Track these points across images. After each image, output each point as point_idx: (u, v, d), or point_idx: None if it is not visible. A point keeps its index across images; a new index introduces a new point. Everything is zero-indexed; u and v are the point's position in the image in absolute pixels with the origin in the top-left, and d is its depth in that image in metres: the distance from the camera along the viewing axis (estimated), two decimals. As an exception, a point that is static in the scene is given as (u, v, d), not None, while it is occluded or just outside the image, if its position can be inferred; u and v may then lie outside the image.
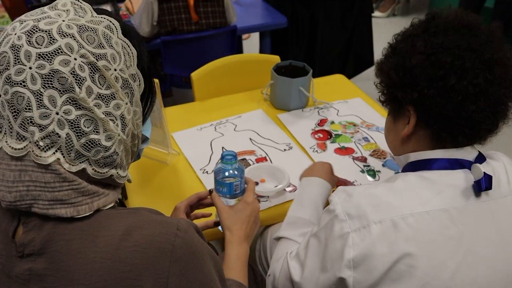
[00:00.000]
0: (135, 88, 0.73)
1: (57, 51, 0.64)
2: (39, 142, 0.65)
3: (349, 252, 0.84)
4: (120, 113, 0.70)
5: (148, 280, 0.65)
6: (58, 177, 0.66)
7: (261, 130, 1.66)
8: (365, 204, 0.86)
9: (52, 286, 0.66)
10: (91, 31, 0.67)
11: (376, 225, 0.83)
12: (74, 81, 0.64)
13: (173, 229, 0.68)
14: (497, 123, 0.89)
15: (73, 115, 0.65)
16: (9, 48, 0.64)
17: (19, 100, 0.63)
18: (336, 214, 0.88)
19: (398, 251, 0.81)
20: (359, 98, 1.85)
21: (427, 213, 0.83)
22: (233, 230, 1.05)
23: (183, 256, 0.67)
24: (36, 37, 0.64)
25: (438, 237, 0.82)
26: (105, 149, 0.68)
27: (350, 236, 0.85)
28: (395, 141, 1.00)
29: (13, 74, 0.63)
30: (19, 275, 0.67)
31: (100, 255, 0.65)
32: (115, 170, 0.72)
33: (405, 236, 0.82)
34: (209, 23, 2.44)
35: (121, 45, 0.71)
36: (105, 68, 0.67)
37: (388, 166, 1.47)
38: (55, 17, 0.67)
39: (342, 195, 0.90)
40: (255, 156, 1.52)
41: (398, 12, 4.94)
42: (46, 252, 0.66)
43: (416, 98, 0.87)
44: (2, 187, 0.66)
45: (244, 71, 2.00)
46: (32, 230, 0.67)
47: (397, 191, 0.87)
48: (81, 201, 0.67)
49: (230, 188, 1.09)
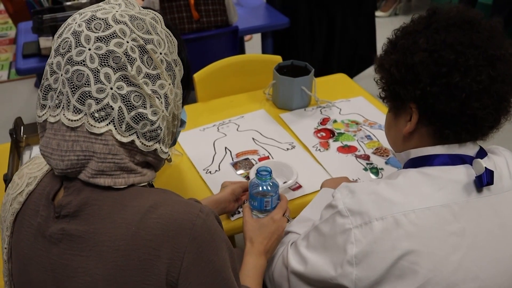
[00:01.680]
0: (176, 72, 0.82)
1: (112, 35, 0.73)
2: (95, 114, 0.73)
3: (351, 249, 0.84)
4: (164, 92, 0.78)
5: (166, 252, 0.70)
6: (106, 148, 0.73)
7: (263, 129, 1.66)
8: (367, 200, 0.86)
9: (80, 247, 0.73)
10: (140, 20, 0.77)
11: (378, 222, 0.83)
12: (126, 61, 0.73)
13: (196, 211, 0.74)
14: (499, 119, 0.89)
15: (125, 90, 0.73)
16: (71, 34, 0.74)
17: (79, 77, 0.72)
18: (338, 210, 0.88)
19: (401, 248, 0.81)
20: (361, 97, 1.85)
21: (429, 209, 0.83)
22: (254, 243, 1.07)
23: (201, 236, 0.73)
24: (94, 24, 0.74)
25: (440, 233, 0.82)
26: (151, 123, 0.76)
27: (352, 232, 0.85)
28: (396, 137, 0.99)
29: (74, 55, 0.73)
30: (52, 234, 0.75)
31: (126, 221, 0.72)
32: (159, 145, 0.79)
33: (407, 233, 0.82)
34: (210, 21, 2.45)
35: (165, 34, 0.80)
36: (153, 51, 0.77)
37: (391, 164, 1.47)
38: (109, 9, 0.77)
39: (344, 191, 0.90)
40: (258, 156, 1.52)
41: (400, 11, 4.94)
42: (80, 215, 0.74)
43: (419, 95, 0.87)
44: (56, 156, 0.74)
45: (246, 72, 2.01)
46: (72, 194, 0.75)
47: (398, 188, 0.86)
48: (119, 174, 0.75)
49: (260, 203, 1.11)
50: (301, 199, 1.35)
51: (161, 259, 0.70)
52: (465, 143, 0.89)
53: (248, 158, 1.52)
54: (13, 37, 4.63)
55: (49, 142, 0.75)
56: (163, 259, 0.70)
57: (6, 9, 3.73)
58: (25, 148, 1.52)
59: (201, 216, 0.74)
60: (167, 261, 0.70)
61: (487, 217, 0.85)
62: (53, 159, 0.75)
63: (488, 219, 0.85)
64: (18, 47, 2.54)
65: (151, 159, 0.80)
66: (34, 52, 2.42)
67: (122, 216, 0.72)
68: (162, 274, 0.70)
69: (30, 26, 2.40)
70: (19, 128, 1.54)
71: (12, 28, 4.75)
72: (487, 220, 0.85)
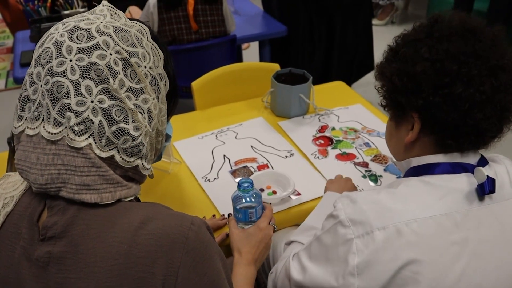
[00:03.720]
0: (161, 87, 0.80)
1: (95, 46, 0.71)
2: (75, 127, 0.70)
3: (353, 259, 0.83)
4: (147, 107, 0.76)
5: (160, 268, 0.69)
6: (88, 161, 0.71)
7: (262, 137, 1.66)
8: (368, 210, 0.85)
9: (70, 269, 0.70)
10: (125, 32, 0.75)
11: (379, 232, 0.82)
12: (109, 73, 0.71)
13: (188, 223, 0.73)
14: (502, 129, 0.88)
15: (106, 104, 0.71)
16: (52, 44, 0.71)
17: (59, 89, 0.70)
18: (339, 220, 0.87)
19: (402, 257, 0.81)
20: (359, 104, 1.86)
21: (431, 218, 0.82)
22: (242, 253, 1.07)
23: (195, 249, 0.71)
24: (77, 34, 0.72)
25: (442, 242, 0.82)
26: (133, 138, 0.74)
27: (354, 242, 0.84)
28: (397, 146, 0.99)
29: (55, 66, 0.70)
30: (39, 258, 0.72)
31: (117, 240, 0.69)
32: (141, 161, 0.77)
33: (409, 242, 0.81)
34: (208, 32, 2.45)
35: (151, 47, 0.78)
36: (137, 65, 0.75)
37: (390, 171, 1.47)
38: (94, 19, 0.75)
39: (345, 201, 0.89)
40: (256, 164, 1.52)
41: (396, 20, 4.96)
42: (67, 236, 0.71)
43: (421, 105, 0.86)
44: (35, 170, 0.71)
45: (244, 80, 2.01)
46: (56, 214, 0.72)
47: (400, 197, 0.86)
48: (106, 188, 0.72)
49: (245, 215, 1.12)
50: (300, 207, 1.35)
51: (156, 276, 0.69)
52: (467, 151, 0.89)
53: (246, 166, 1.52)
54: (11, 46, 4.64)
55: (27, 155, 0.72)
56: (157, 275, 0.69)
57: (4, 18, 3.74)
58: (23, 157, 1.51)
59: (193, 229, 0.72)
60: (161, 278, 0.69)
61: (489, 226, 0.85)
62: (32, 173, 0.71)
63: (490, 228, 0.85)
64: (16, 56, 2.54)
65: (131, 175, 0.78)
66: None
67: (112, 235, 0.70)
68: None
69: (28, 35, 2.41)
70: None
71: (10, 37, 4.76)
72: (489, 228, 0.84)
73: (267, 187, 1.39)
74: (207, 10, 2.41)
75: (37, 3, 2.72)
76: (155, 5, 2.33)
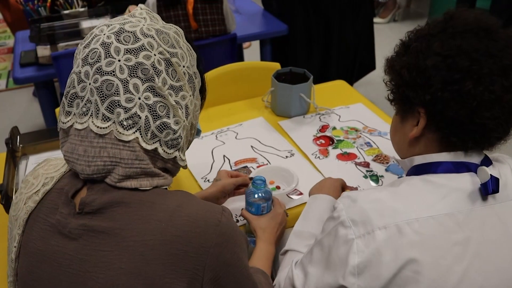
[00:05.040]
0: (196, 84, 0.86)
1: (141, 47, 0.77)
2: (124, 122, 0.76)
3: (353, 259, 0.83)
4: (185, 103, 0.82)
5: (193, 247, 0.74)
6: (133, 154, 0.77)
7: (262, 137, 1.65)
8: (369, 209, 0.84)
9: (104, 242, 0.75)
10: (165, 34, 0.81)
11: (380, 231, 0.82)
12: (153, 72, 0.77)
13: (219, 209, 0.79)
14: (508, 131, 0.87)
15: (151, 100, 0.77)
16: (100, 45, 0.77)
17: (109, 87, 0.75)
18: (340, 221, 0.86)
19: (403, 257, 0.80)
20: (361, 104, 1.84)
21: (433, 218, 0.81)
22: (266, 230, 1.16)
23: (227, 231, 0.78)
24: (123, 36, 0.78)
25: (444, 242, 0.81)
26: (173, 132, 0.80)
27: (355, 242, 0.83)
28: (401, 142, 0.98)
29: (104, 65, 0.76)
30: (72, 230, 0.77)
31: (155, 218, 0.75)
32: (179, 153, 0.83)
33: (410, 242, 0.80)
34: (208, 31, 2.44)
35: (186, 47, 0.85)
36: (177, 64, 0.81)
37: (392, 171, 1.46)
38: (136, 22, 0.80)
39: (346, 201, 0.88)
40: (256, 164, 1.51)
41: (399, 18, 4.94)
42: (105, 212, 0.76)
43: (428, 100, 0.85)
44: (82, 162, 0.77)
45: (244, 79, 1.99)
46: (96, 194, 0.77)
47: (401, 196, 0.85)
48: (144, 178, 0.78)
49: (258, 208, 1.21)
50: (302, 207, 1.32)
51: (188, 254, 0.73)
52: (471, 151, 0.88)
53: (247, 166, 1.51)
54: (12, 46, 4.63)
55: (75, 148, 0.78)
56: (190, 253, 0.74)
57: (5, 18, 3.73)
58: (21, 158, 1.50)
59: (225, 214, 0.79)
60: (193, 255, 0.74)
61: (492, 226, 0.83)
62: (79, 164, 0.77)
63: (493, 228, 0.83)
64: (15, 56, 2.53)
65: (170, 166, 0.84)
66: (31, 61, 2.41)
67: (151, 213, 0.75)
68: (188, 269, 0.73)
69: (28, 35, 2.39)
70: (15, 137, 1.52)
71: (11, 37, 4.75)
72: (492, 229, 0.83)
73: (270, 182, 1.39)
74: (207, 8, 2.40)
75: (37, 2, 2.71)
76: (154, 3, 2.32)
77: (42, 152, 1.52)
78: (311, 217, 1.16)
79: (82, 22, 2.50)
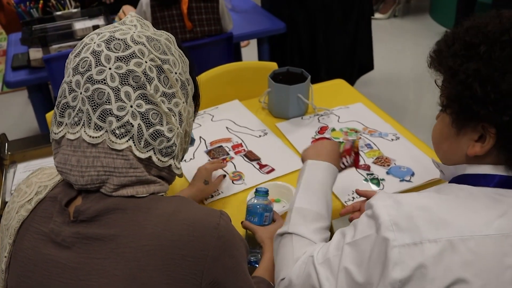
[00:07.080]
0: (189, 91, 0.86)
1: (132, 55, 0.76)
2: (116, 131, 0.75)
3: (395, 271, 0.74)
4: (178, 110, 0.81)
5: (191, 251, 0.73)
6: (127, 162, 0.76)
7: (237, 119, 1.72)
8: (418, 216, 0.75)
9: (98, 250, 0.73)
10: (156, 41, 0.80)
11: (430, 244, 0.73)
12: (145, 80, 0.76)
13: (218, 213, 0.78)
14: None
15: (144, 108, 0.76)
16: (90, 54, 0.76)
17: (100, 95, 0.74)
18: (380, 222, 0.77)
19: (452, 275, 0.72)
20: (360, 103, 1.79)
21: (489, 237, 0.74)
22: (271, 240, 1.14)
23: (226, 235, 0.77)
24: (114, 44, 0.77)
25: (497, 265, 0.73)
26: (167, 140, 0.79)
27: (397, 251, 0.74)
28: (450, 152, 0.88)
29: (95, 74, 0.75)
30: (65, 238, 0.75)
31: (151, 223, 0.74)
32: (173, 161, 0.81)
33: (463, 261, 0.73)
34: (203, 30, 2.39)
35: (178, 54, 0.84)
36: (169, 71, 0.80)
37: (393, 174, 1.41)
38: (126, 30, 0.80)
39: (388, 201, 0.79)
40: (231, 143, 1.59)
41: (399, 13, 4.87)
42: (101, 219, 0.75)
43: (506, 122, 0.75)
44: (76, 172, 0.76)
45: (241, 79, 1.96)
46: (91, 202, 0.76)
47: (454, 207, 0.77)
48: (140, 186, 0.78)
49: (260, 218, 1.21)
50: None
51: (186, 258, 0.72)
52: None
53: (221, 145, 1.59)
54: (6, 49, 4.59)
55: (67, 158, 0.77)
56: (187, 258, 0.72)
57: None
58: (10, 166, 1.46)
59: (223, 218, 0.78)
60: (191, 260, 0.73)
61: None
62: (73, 175, 0.76)
63: None
64: (7, 59, 2.48)
65: (165, 174, 0.83)
66: (23, 64, 2.35)
67: (147, 218, 0.75)
68: (186, 274, 0.72)
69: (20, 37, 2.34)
70: (3, 145, 1.48)
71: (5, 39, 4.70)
72: None
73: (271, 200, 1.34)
74: (202, 8, 2.34)
75: (29, 4, 2.65)
76: (148, 3, 2.27)
77: (31, 159, 1.49)
78: (314, 191, 1.05)
79: (75, 23, 2.45)
